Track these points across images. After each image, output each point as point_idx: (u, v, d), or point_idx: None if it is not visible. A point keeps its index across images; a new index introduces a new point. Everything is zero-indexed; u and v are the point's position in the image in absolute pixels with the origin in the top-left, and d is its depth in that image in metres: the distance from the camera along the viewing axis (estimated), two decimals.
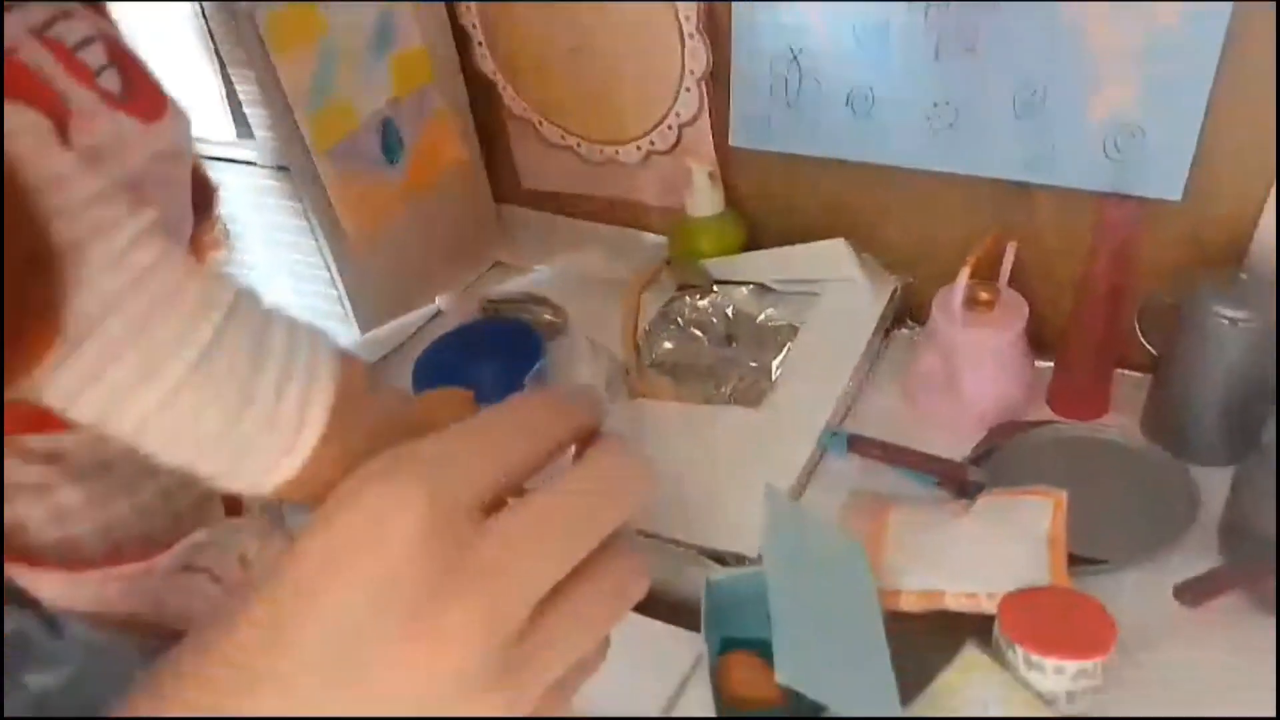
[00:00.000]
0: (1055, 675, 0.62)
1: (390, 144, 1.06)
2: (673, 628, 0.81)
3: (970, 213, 0.95)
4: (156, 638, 0.48)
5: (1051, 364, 0.92)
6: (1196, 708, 0.64)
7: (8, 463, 0.40)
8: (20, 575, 0.41)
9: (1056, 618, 0.64)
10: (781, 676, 0.53)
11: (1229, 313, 0.76)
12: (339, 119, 0.99)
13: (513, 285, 1.15)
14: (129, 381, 0.38)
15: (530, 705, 0.24)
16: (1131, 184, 0.85)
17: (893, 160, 0.95)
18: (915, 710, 0.63)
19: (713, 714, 0.62)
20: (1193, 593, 0.65)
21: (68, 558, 0.46)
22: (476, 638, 0.23)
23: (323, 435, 0.44)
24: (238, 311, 0.42)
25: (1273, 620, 0.69)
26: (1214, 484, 0.77)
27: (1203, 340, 0.78)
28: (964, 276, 0.83)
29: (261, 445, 0.43)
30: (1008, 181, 0.92)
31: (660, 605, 0.83)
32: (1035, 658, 0.62)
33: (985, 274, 0.89)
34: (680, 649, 0.74)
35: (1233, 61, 0.77)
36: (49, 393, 0.38)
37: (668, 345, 1.07)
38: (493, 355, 0.92)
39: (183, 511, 0.55)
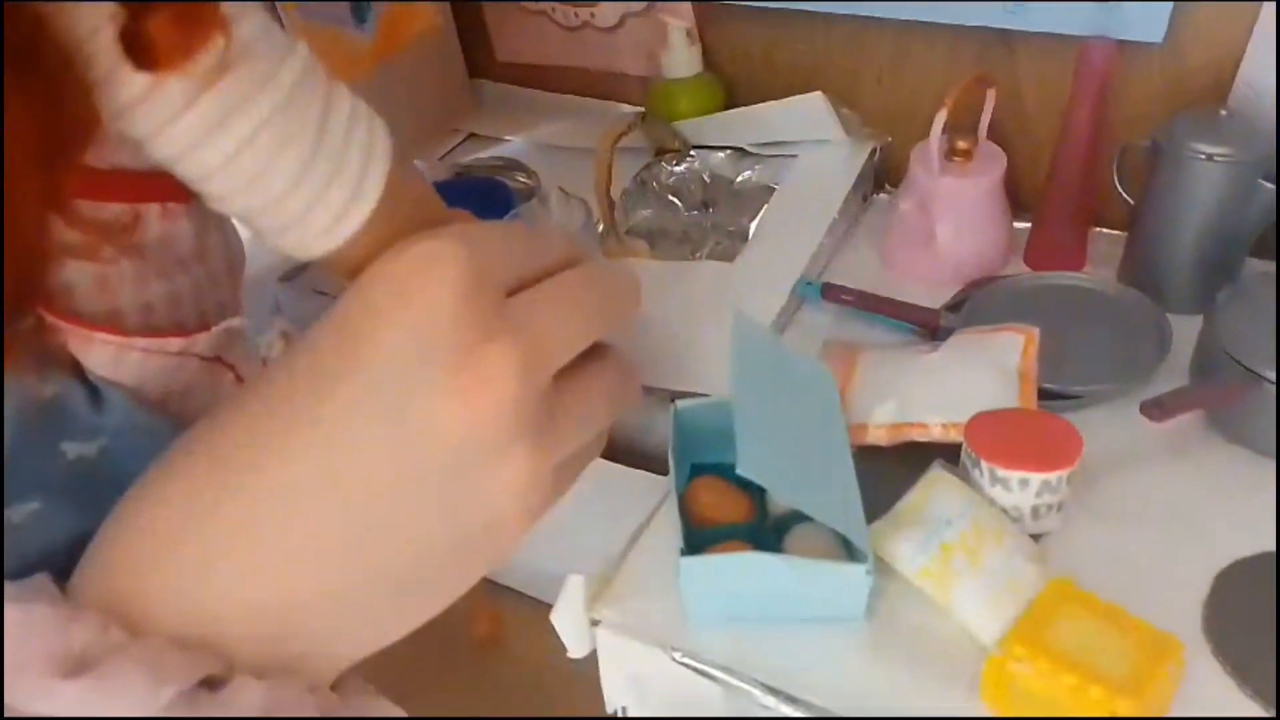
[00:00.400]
0: (1020, 489, 0.62)
1: (360, 3, 1.03)
2: (646, 473, 0.81)
3: (951, 68, 0.94)
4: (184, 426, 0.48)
5: (1030, 225, 0.91)
6: (1158, 529, 0.65)
7: (56, 225, 0.40)
8: (71, 336, 0.41)
9: (1023, 435, 0.64)
10: (742, 468, 0.53)
11: (1207, 149, 0.75)
12: None
13: (484, 154, 1.13)
14: (217, 115, 0.38)
15: (550, 466, 0.25)
16: (1113, 27, 0.83)
17: (870, 11, 0.93)
18: (878, 525, 0.63)
19: (680, 536, 0.62)
20: (1159, 408, 0.65)
21: (114, 327, 0.45)
22: (513, 379, 0.24)
23: (382, 192, 0.45)
24: (311, 62, 0.42)
25: (1238, 449, 0.69)
26: (1189, 330, 0.76)
27: (1179, 178, 0.77)
28: (941, 119, 0.82)
29: (331, 191, 0.43)
30: (989, 32, 0.90)
31: (635, 453, 0.83)
32: (1001, 472, 0.62)
33: (965, 128, 0.87)
34: (653, 489, 0.74)
35: None
36: (136, 122, 0.37)
37: (645, 212, 1.06)
38: (464, 207, 0.90)
39: (208, 310, 0.55)
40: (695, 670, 0.59)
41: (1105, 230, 0.91)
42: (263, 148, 0.41)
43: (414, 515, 0.24)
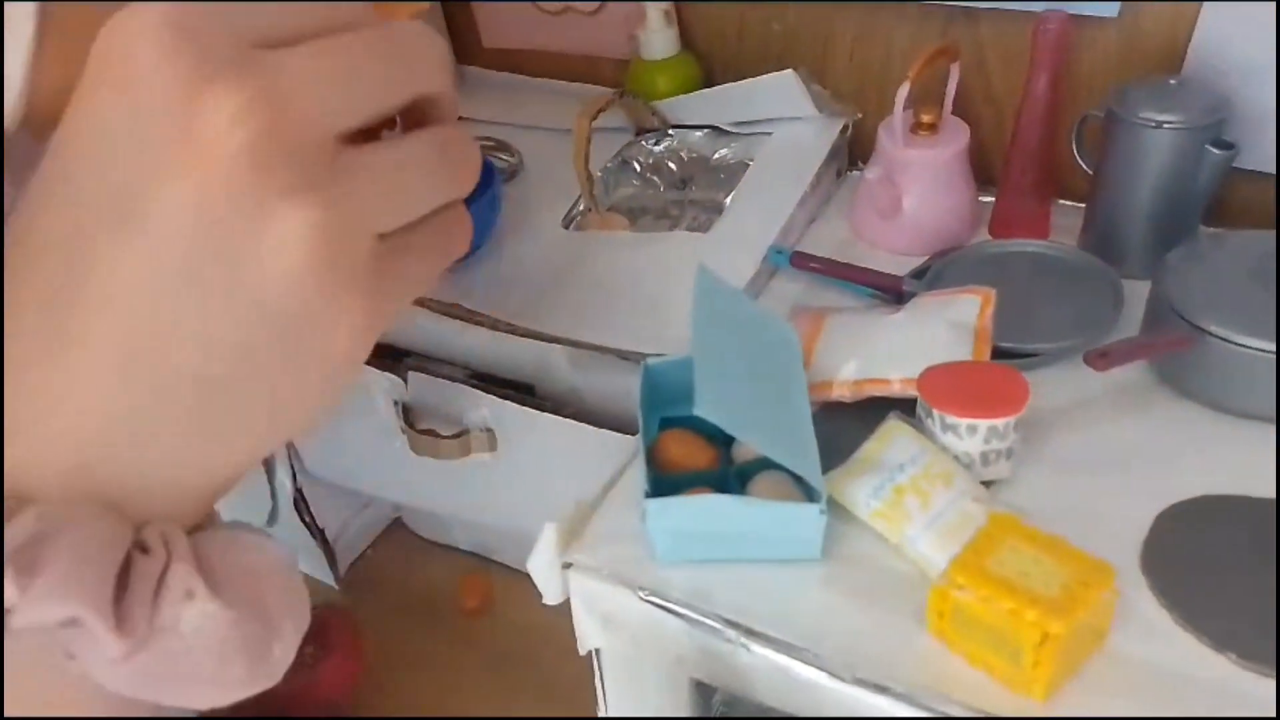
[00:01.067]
0: (969, 436, 0.65)
1: None
2: (619, 434, 0.84)
3: (918, 43, 0.97)
4: None
5: (995, 197, 0.94)
6: (1104, 477, 0.68)
7: None
8: None
9: (973, 385, 0.67)
10: (698, 408, 0.56)
11: (1155, 116, 0.78)
12: None
13: (472, 135, 1.16)
14: None
15: (342, 222, 0.22)
16: (1069, 1, 0.86)
17: None
18: (836, 472, 0.66)
19: (646, 482, 0.65)
20: (1102, 358, 0.68)
21: None
22: (243, 124, 0.21)
23: (40, 39, 0.38)
24: None
25: (1188, 402, 0.72)
26: (1144, 293, 0.79)
27: (1131, 146, 0.80)
28: (904, 90, 0.85)
29: None
30: (954, 8, 0.93)
31: (608, 420, 0.86)
32: (950, 419, 0.65)
33: (932, 101, 0.90)
34: (627, 448, 0.77)
35: None
36: None
37: (626, 190, 1.09)
38: None
39: None
40: (660, 607, 0.62)
41: (1070, 203, 0.94)
42: None
43: (183, 313, 0.22)
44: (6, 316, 0.22)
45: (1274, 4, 0.79)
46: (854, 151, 1.04)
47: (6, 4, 0.38)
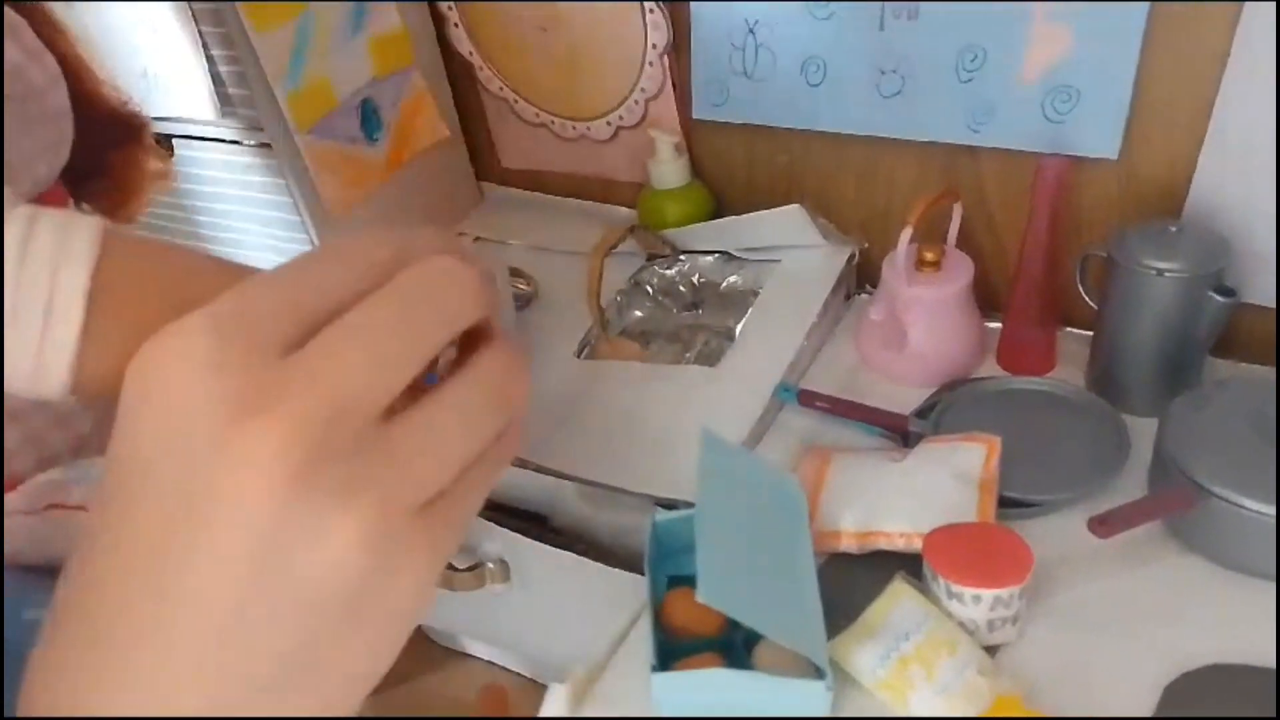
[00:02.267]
0: (974, 604, 0.66)
1: (370, 122, 1.10)
2: (627, 573, 0.85)
3: (922, 178, 0.99)
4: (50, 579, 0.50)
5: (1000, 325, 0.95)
6: (1111, 638, 0.68)
7: None
8: None
9: (978, 550, 0.67)
10: (702, 595, 0.57)
11: (1156, 264, 0.79)
12: (318, 98, 1.03)
13: (488, 256, 1.19)
14: None
15: (396, 513, 0.23)
16: (1070, 144, 0.88)
17: (846, 128, 0.99)
18: (842, 638, 0.66)
19: (651, 651, 0.66)
20: (1105, 524, 0.68)
21: None
22: (283, 455, 0.21)
23: (85, 318, 0.41)
24: None
25: (1195, 557, 0.73)
26: (1149, 434, 0.80)
27: (1133, 290, 0.81)
28: (907, 234, 0.87)
29: (18, 337, 0.40)
30: (956, 146, 0.95)
31: (618, 555, 0.87)
32: (956, 588, 0.66)
33: (935, 237, 0.92)
34: (637, 589, 0.78)
35: (1162, 21, 0.80)
36: None
37: (638, 314, 1.11)
38: None
39: (55, 455, 0.57)
40: None
41: (1076, 330, 0.95)
42: None
43: (245, 629, 0.23)
44: (80, 637, 0.23)
45: (1274, 149, 0.81)
46: (861, 274, 1.05)
47: (55, 282, 0.42)
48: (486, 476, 0.26)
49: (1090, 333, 0.91)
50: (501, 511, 0.94)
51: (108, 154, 0.76)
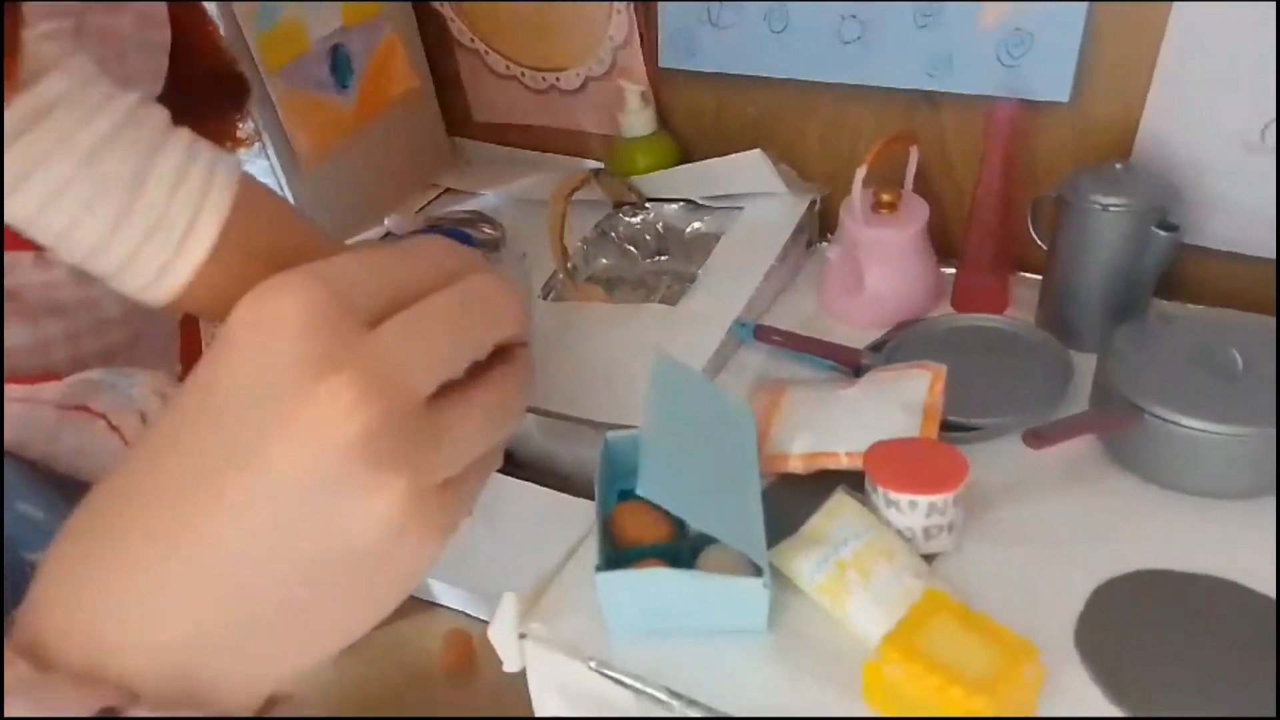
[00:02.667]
0: (910, 511, 0.67)
1: (341, 69, 1.12)
2: (589, 501, 0.86)
3: (883, 127, 1.00)
4: (51, 477, 0.51)
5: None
6: (1045, 550, 0.70)
7: None
8: None
9: (915, 462, 0.69)
10: (642, 489, 0.59)
11: (1102, 200, 0.81)
12: (289, 41, 1.05)
13: (458, 207, 1.21)
14: (18, 172, 0.41)
15: (430, 488, 0.26)
16: (1024, 88, 0.90)
17: (808, 75, 1.00)
18: (784, 545, 0.68)
19: (599, 555, 0.67)
20: (1039, 437, 0.70)
21: None
22: (356, 415, 0.24)
23: (215, 245, 0.47)
24: (135, 118, 0.45)
25: (1131, 476, 0.75)
26: (1094, 368, 0.81)
27: (1081, 228, 0.83)
28: (861, 174, 0.88)
29: (150, 245, 0.46)
30: (916, 95, 0.97)
31: (579, 486, 0.89)
32: (893, 495, 0.68)
33: (894, 182, 0.94)
34: (590, 515, 0.80)
35: None
36: None
37: (604, 261, 1.13)
38: None
39: (88, 356, 0.59)
40: (608, 678, 0.64)
41: (1030, 275, 0.97)
42: (66, 205, 0.43)
43: (283, 553, 0.25)
44: (122, 524, 0.26)
45: (1222, 89, 0.83)
46: (825, 225, 1.07)
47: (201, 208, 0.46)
48: (490, 462, 0.29)
49: (1040, 277, 0.93)
50: None
51: (213, 114, 0.77)
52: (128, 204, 0.45)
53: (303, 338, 0.24)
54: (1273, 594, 0.64)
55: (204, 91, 0.74)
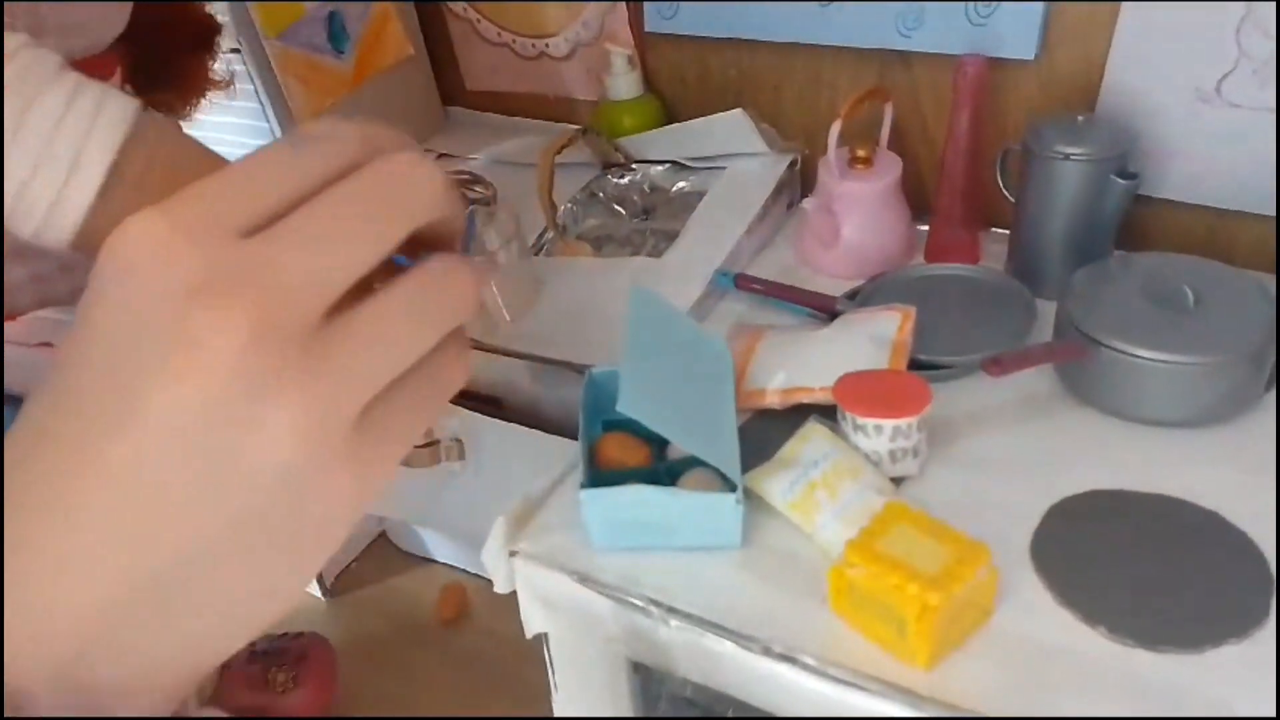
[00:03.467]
0: (876, 435, 0.71)
1: (337, 34, 1.15)
2: (572, 441, 0.90)
3: (858, 84, 1.04)
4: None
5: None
6: (1005, 475, 0.74)
7: None
8: None
9: (882, 390, 0.73)
10: (621, 405, 0.63)
11: (1064, 149, 0.85)
12: (286, 5, 1.08)
13: (451, 168, 1.24)
14: None
15: (333, 410, 0.23)
16: (992, 46, 0.94)
17: (787, 36, 1.04)
18: (759, 469, 0.72)
19: (585, 476, 0.71)
20: (997, 364, 0.74)
21: None
22: (230, 338, 0.21)
23: (107, 181, 0.45)
24: (18, 60, 0.45)
25: (1088, 409, 0.79)
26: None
27: (1043, 177, 0.87)
28: (835, 129, 0.92)
29: (38, 183, 0.45)
30: (890, 54, 1.01)
31: (568, 431, 0.92)
32: (860, 420, 0.72)
33: (869, 138, 0.98)
34: (576, 453, 0.84)
35: None
36: None
37: (593, 221, 1.17)
38: None
39: (57, 299, 0.61)
40: (590, 588, 0.68)
41: (1002, 231, 1.01)
42: None
43: (174, 506, 0.22)
44: (7, 502, 0.23)
45: (1178, 44, 0.86)
46: (806, 185, 1.11)
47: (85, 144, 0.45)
48: (429, 397, 0.26)
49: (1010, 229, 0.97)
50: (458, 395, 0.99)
51: (179, 56, 0.79)
52: (10, 141, 0.44)
53: (166, 264, 0.22)
54: (1217, 509, 0.68)
55: (171, 31, 0.76)
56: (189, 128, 0.83)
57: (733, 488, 0.69)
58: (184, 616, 0.24)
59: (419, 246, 0.25)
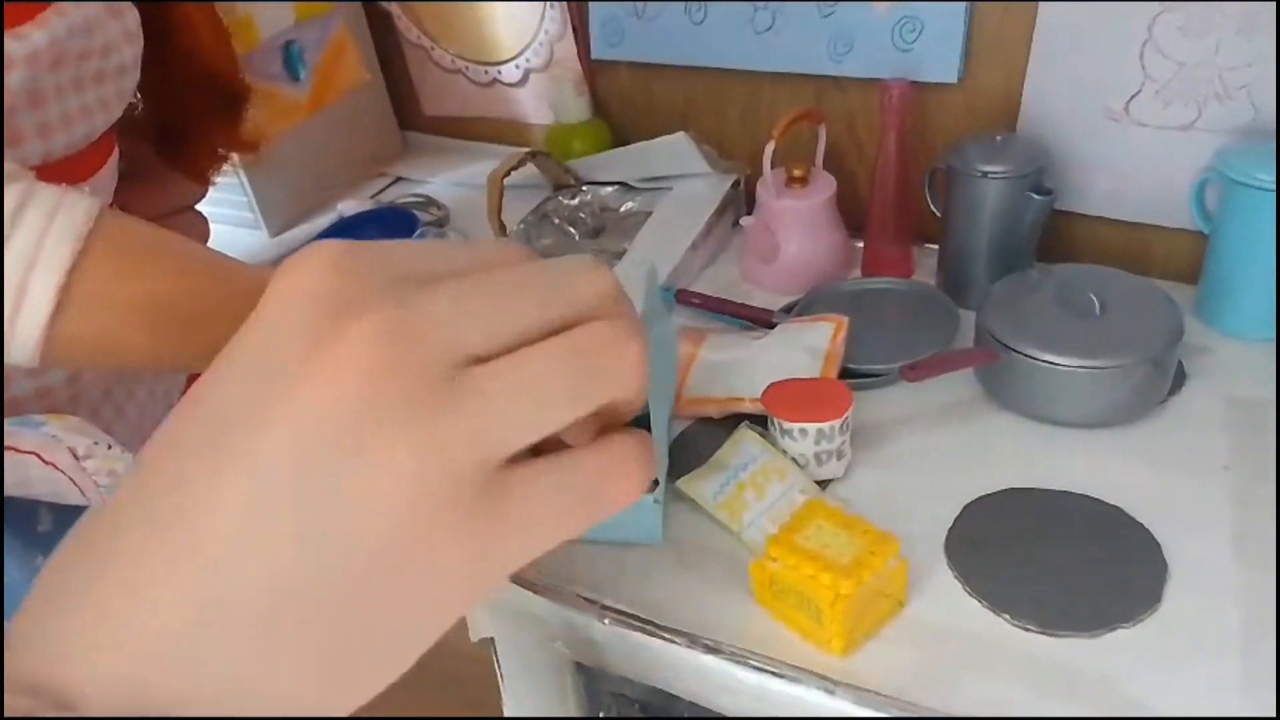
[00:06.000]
0: (801, 438, 0.75)
1: (293, 62, 1.19)
2: None
3: (795, 107, 1.08)
4: None
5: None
6: (926, 475, 0.78)
7: None
8: None
9: (807, 397, 0.77)
10: None
11: (984, 167, 0.90)
12: (241, 35, 1.11)
13: (408, 192, 1.28)
14: None
15: (454, 458, 0.21)
16: (918, 70, 0.99)
17: (727, 63, 1.09)
18: (692, 474, 0.76)
19: None
20: (915, 369, 0.78)
21: None
22: (372, 348, 0.21)
23: (59, 301, 0.45)
24: None
25: (1007, 413, 0.83)
26: None
27: (965, 194, 0.92)
28: (770, 149, 0.97)
29: None
30: (825, 79, 1.06)
31: None
32: (786, 424, 0.75)
33: (805, 158, 1.02)
34: None
35: None
36: None
37: (545, 241, 1.20)
38: (372, 234, 1.05)
39: (23, 398, 0.60)
40: (528, 587, 0.72)
41: (933, 245, 1.05)
42: None
43: (269, 536, 0.21)
44: (134, 505, 0.22)
45: (1088, 67, 0.92)
46: (750, 204, 1.15)
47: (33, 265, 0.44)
48: (580, 498, 0.24)
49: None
50: None
51: (207, 120, 0.78)
52: None
53: (322, 284, 0.21)
54: (1120, 505, 0.72)
55: (200, 97, 0.76)
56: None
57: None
58: (247, 659, 0.21)
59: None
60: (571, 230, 1.20)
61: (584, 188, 1.19)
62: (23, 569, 0.51)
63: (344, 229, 1.12)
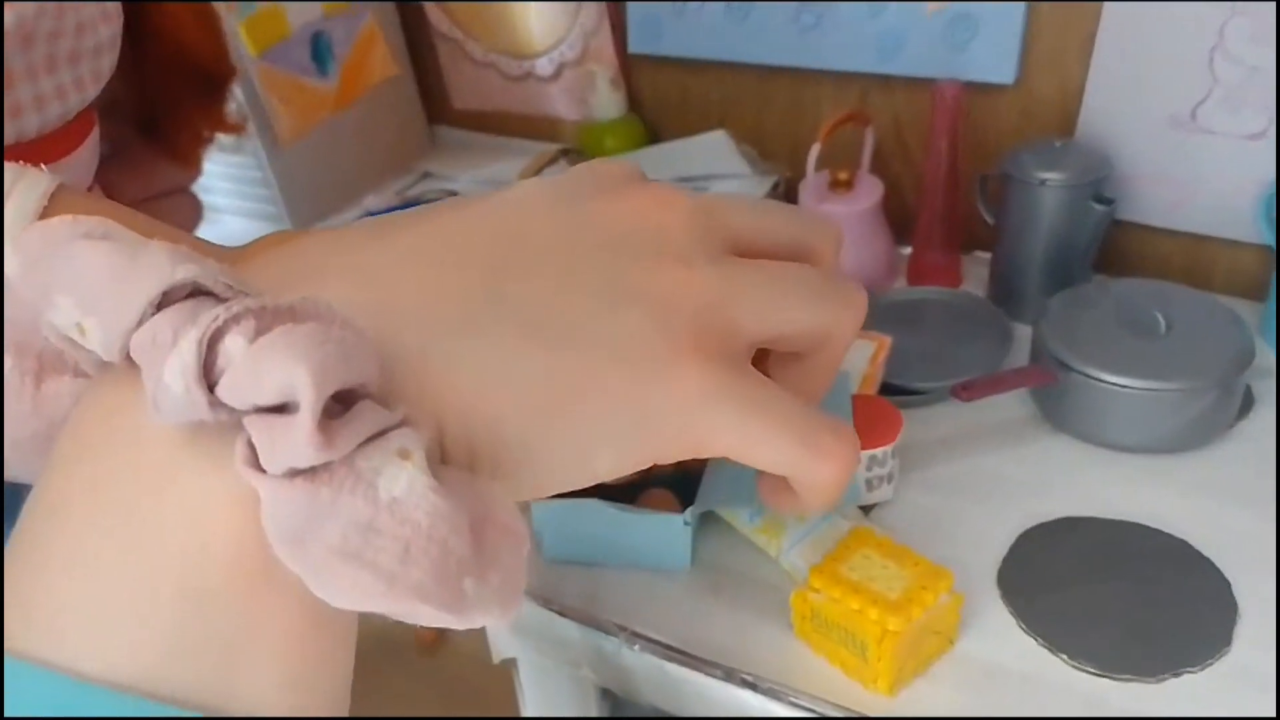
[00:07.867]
0: None
1: (321, 55, 1.16)
2: None
3: (839, 107, 1.04)
4: None
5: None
6: (979, 500, 0.73)
7: None
8: None
9: (857, 418, 0.73)
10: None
11: (1041, 175, 0.85)
12: (270, 26, 1.09)
13: (435, 187, 1.25)
14: None
15: (720, 300, 0.24)
16: (971, 71, 0.94)
17: (768, 60, 1.05)
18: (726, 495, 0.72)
19: None
20: (968, 389, 0.74)
21: None
22: (682, 199, 0.26)
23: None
24: None
25: (1062, 435, 0.78)
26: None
27: (1022, 202, 0.87)
28: (815, 151, 0.93)
29: None
30: (871, 78, 1.01)
31: None
32: None
33: (851, 162, 0.98)
34: None
35: None
36: None
37: None
38: None
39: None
40: (554, 611, 0.68)
41: (983, 254, 1.01)
42: None
43: (560, 270, 0.23)
44: None
45: (1153, 71, 0.87)
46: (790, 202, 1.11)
47: None
48: (813, 394, 0.28)
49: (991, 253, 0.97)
50: None
51: (188, 102, 0.78)
52: None
53: (677, 219, 0.25)
54: (1185, 537, 0.68)
55: (181, 79, 0.75)
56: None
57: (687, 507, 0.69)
58: (498, 349, 0.22)
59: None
60: None
61: None
62: None
63: None
